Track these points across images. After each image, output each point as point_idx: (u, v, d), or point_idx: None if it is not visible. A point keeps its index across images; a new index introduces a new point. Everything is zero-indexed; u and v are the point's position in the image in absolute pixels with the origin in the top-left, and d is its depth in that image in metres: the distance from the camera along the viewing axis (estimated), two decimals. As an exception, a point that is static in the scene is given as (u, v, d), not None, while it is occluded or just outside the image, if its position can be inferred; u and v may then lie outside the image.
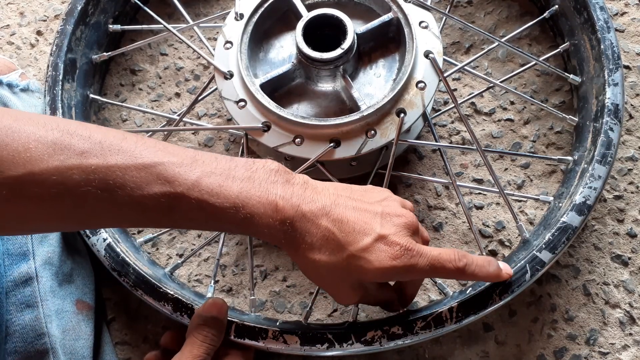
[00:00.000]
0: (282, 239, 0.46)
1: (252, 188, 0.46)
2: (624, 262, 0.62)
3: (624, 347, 0.60)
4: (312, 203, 0.47)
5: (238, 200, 0.45)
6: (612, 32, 0.61)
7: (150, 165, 0.43)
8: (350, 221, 0.47)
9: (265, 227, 0.45)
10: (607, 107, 0.59)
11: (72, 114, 0.66)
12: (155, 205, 0.43)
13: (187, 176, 0.44)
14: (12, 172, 0.40)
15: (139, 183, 0.43)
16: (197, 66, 0.74)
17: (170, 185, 0.43)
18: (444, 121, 0.69)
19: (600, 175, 0.57)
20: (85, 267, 0.62)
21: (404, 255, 0.46)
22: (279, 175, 0.47)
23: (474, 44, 0.72)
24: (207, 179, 0.45)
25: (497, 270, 0.52)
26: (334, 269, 0.47)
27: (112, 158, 0.43)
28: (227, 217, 0.45)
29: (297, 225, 0.46)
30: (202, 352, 0.51)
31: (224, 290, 0.65)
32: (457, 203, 0.66)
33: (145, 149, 0.44)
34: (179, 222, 0.46)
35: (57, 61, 0.66)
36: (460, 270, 0.48)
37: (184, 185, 0.44)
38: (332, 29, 0.59)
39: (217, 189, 0.45)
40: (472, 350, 0.61)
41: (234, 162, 0.47)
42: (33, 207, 0.42)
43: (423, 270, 0.47)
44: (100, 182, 0.42)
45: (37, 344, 0.56)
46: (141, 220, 0.46)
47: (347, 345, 0.53)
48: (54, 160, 0.41)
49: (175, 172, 0.44)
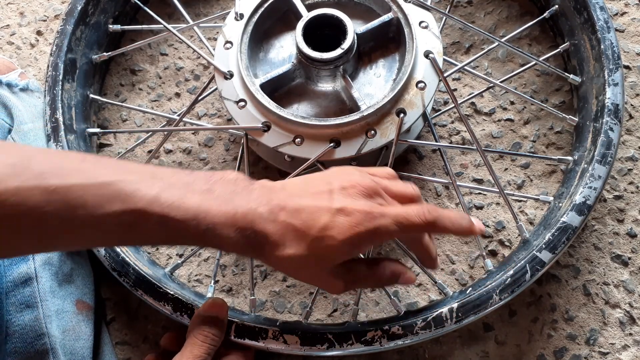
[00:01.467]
0: (248, 246, 0.46)
1: (212, 199, 0.46)
2: (624, 262, 0.62)
3: (624, 347, 0.60)
4: (269, 203, 0.47)
5: (199, 211, 0.45)
6: (612, 32, 0.61)
7: (110, 183, 0.44)
8: (306, 208, 0.46)
9: (227, 237, 0.45)
10: (607, 107, 0.59)
11: (72, 114, 0.66)
12: (117, 223, 0.44)
13: (147, 191, 0.44)
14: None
15: (99, 201, 0.43)
16: (197, 66, 0.74)
17: (131, 201, 0.44)
18: (444, 121, 0.69)
19: (600, 175, 0.57)
20: (85, 267, 0.62)
21: (364, 220, 0.46)
22: (238, 185, 0.47)
23: (474, 44, 0.72)
24: (167, 193, 0.45)
25: (470, 223, 0.50)
26: (305, 259, 0.46)
27: (72, 178, 0.43)
28: (189, 230, 0.45)
29: (257, 228, 0.46)
30: (203, 352, 0.51)
31: (224, 290, 0.65)
32: (457, 203, 0.66)
33: (104, 169, 0.45)
34: (142, 239, 0.47)
35: (57, 61, 0.66)
36: (430, 223, 0.47)
37: (144, 200, 0.44)
38: (332, 29, 0.59)
39: (177, 202, 0.45)
40: (472, 350, 0.61)
41: (193, 175, 0.47)
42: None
43: (390, 230, 0.46)
44: (60, 202, 0.42)
45: (37, 344, 0.56)
46: (103, 239, 0.46)
47: (347, 346, 0.53)
48: (13, 181, 0.41)
49: (135, 189, 0.44)
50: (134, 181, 0.44)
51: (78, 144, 0.65)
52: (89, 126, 0.69)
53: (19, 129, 0.62)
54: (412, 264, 0.64)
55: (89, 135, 0.68)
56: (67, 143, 0.63)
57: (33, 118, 0.64)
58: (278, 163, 0.66)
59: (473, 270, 0.63)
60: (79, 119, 0.67)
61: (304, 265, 0.47)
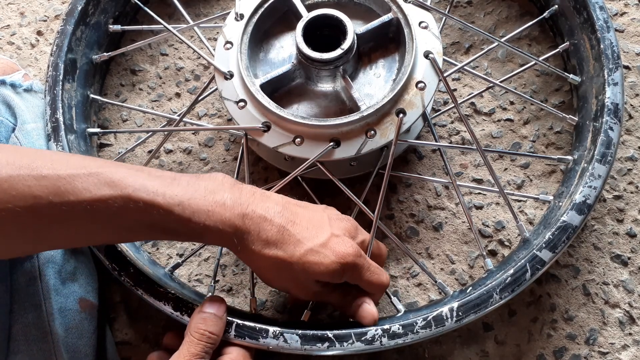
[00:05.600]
0: (234, 238, 0.48)
1: (198, 191, 0.49)
2: (624, 262, 0.62)
3: (623, 346, 0.60)
4: (263, 204, 0.50)
5: (184, 198, 0.47)
6: (611, 31, 0.61)
7: (99, 172, 0.46)
8: (304, 220, 0.51)
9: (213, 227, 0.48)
10: (607, 106, 0.59)
11: (73, 114, 0.66)
12: (105, 208, 0.46)
13: (135, 179, 0.47)
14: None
15: (88, 187, 0.45)
16: (197, 66, 0.75)
17: (118, 187, 0.46)
18: (443, 121, 0.69)
19: (600, 174, 0.57)
20: (88, 266, 0.62)
21: (356, 252, 0.51)
22: (226, 183, 0.50)
23: (473, 44, 0.72)
24: (154, 182, 0.47)
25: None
26: (290, 265, 0.49)
27: (62, 168, 0.46)
28: (174, 215, 0.47)
29: (250, 222, 0.48)
30: (199, 350, 0.51)
31: (224, 290, 0.65)
32: (457, 203, 0.66)
33: (93, 162, 0.48)
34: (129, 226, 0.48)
35: (58, 61, 0.66)
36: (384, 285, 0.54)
37: (131, 187, 0.46)
38: (332, 30, 0.59)
39: (162, 190, 0.47)
40: (472, 350, 0.61)
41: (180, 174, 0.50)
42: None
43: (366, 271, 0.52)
44: (51, 187, 0.45)
45: (41, 342, 0.56)
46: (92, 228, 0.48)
47: (348, 345, 0.53)
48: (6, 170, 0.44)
49: (122, 176, 0.47)
50: (121, 172, 0.47)
51: (78, 143, 0.65)
52: (89, 126, 0.69)
53: (22, 128, 0.62)
54: (412, 264, 0.64)
55: (89, 135, 0.68)
56: (68, 143, 0.63)
57: (36, 118, 0.64)
58: (278, 163, 0.66)
59: (473, 270, 0.63)
60: (79, 119, 0.67)
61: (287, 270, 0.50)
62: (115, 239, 0.54)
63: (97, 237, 0.50)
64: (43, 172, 0.45)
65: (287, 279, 0.52)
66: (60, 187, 0.45)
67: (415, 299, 0.63)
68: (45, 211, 0.45)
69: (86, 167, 0.47)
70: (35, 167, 0.45)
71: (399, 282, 0.63)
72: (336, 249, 0.50)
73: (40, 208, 0.45)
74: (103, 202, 0.46)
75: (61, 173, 0.45)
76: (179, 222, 0.47)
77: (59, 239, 0.50)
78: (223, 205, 0.48)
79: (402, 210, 0.66)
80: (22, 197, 0.44)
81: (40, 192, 0.44)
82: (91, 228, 0.48)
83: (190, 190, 0.48)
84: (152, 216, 0.47)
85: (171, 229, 0.48)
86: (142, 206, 0.46)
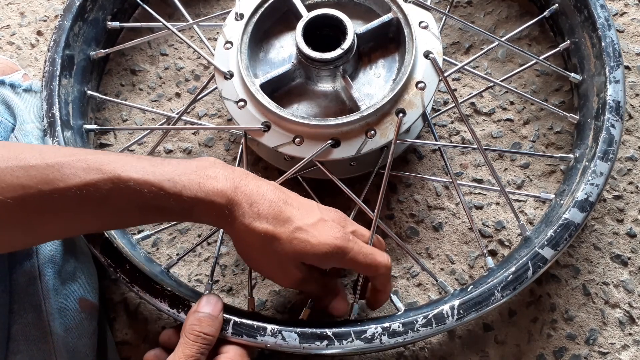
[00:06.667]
0: (225, 209, 0.48)
1: (189, 167, 0.49)
2: (624, 262, 0.62)
3: (623, 347, 0.60)
4: (256, 182, 0.50)
5: (175, 174, 0.48)
6: (612, 29, 0.61)
7: (87, 158, 0.47)
8: (295, 202, 0.51)
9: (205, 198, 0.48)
10: (608, 104, 0.59)
11: (69, 110, 0.66)
12: (95, 191, 0.46)
13: (124, 162, 0.48)
14: None
15: (76, 172, 0.46)
16: (197, 66, 0.75)
17: (107, 170, 0.47)
18: (443, 121, 0.69)
19: (602, 171, 0.57)
20: (88, 266, 0.62)
21: (344, 236, 0.51)
22: (217, 162, 0.51)
23: (473, 44, 0.72)
24: (143, 163, 0.48)
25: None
26: (278, 241, 0.49)
27: (50, 158, 0.46)
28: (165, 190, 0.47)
29: (242, 195, 0.49)
30: (195, 351, 0.50)
31: (224, 290, 0.65)
32: (457, 203, 0.66)
33: (81, 150, 0.49)
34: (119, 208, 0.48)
35: (55, 56, 0.66)
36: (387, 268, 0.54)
37: (120, 169, 0.47)
38: (332, 29, 0.59)
39: (151, 169, 0.48)
40: (472, 350, 0.60)
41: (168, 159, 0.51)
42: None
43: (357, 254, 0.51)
44: (40, 176, 0.45)
45: (40, 342, 0.56)
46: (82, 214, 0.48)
47: (347, 343, 0.53)
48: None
49: (111, 160, 0.47)
50: (110, 157, 0.48)
51: (75, 140, 0.64)
52: (86, 123, 0.69)
53: (21, 128, 0.62)
54: (412, 264, 0.64)
55: (86, 132, 0.68)
56: (64, 139, 0.62)
57: (35, 118, 0.64)
58: (278, 163, 0.66)
59: (473, 270, 0.63)
60: (76, 115, 0.66)
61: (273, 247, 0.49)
62: (107, 224, 0.53)
63: (89, 224, 0.50)
64: (31, 162, 0.45)
65: (272, 261, 0.51)
66: (49, 175, 0.45)
67: (415, 299, 0.63)
68: (35, 201, 0.45)
69: (74, 154, 0.47)
70: (23, 158, 0.46)
71: (399, 282, 0.63)
72: (325, 231, 0.50)
73: (30, 198, 0.45)
74: (93, 186, 0.46)
75: (49, 162, 0.46)
76: (170, 197, 0.47)
77: (51, 229, 0.50)
78: (215, 178, 0.49)
79: (402, 210, 0.66)
80: (12, 188, 0.44)
81: (29, 181, 0.45)
82: (82, 214, 0.48)
83: (180, 167, 0.49)
84: (143, 195, 0.47)
85: (162, 207, 0.48)
86: (132, 185, 0.46)
